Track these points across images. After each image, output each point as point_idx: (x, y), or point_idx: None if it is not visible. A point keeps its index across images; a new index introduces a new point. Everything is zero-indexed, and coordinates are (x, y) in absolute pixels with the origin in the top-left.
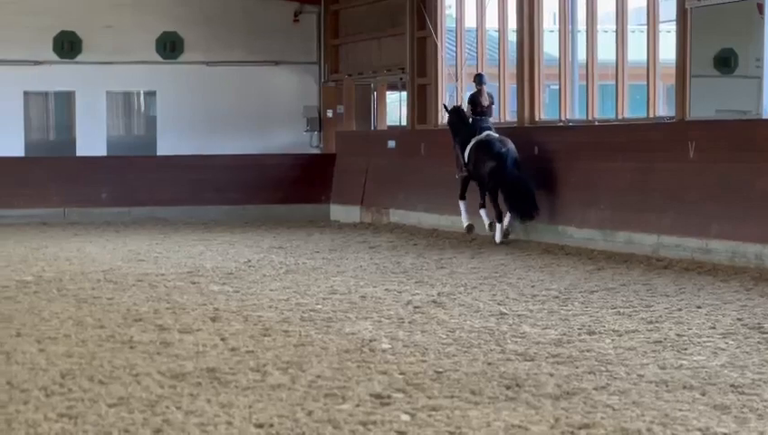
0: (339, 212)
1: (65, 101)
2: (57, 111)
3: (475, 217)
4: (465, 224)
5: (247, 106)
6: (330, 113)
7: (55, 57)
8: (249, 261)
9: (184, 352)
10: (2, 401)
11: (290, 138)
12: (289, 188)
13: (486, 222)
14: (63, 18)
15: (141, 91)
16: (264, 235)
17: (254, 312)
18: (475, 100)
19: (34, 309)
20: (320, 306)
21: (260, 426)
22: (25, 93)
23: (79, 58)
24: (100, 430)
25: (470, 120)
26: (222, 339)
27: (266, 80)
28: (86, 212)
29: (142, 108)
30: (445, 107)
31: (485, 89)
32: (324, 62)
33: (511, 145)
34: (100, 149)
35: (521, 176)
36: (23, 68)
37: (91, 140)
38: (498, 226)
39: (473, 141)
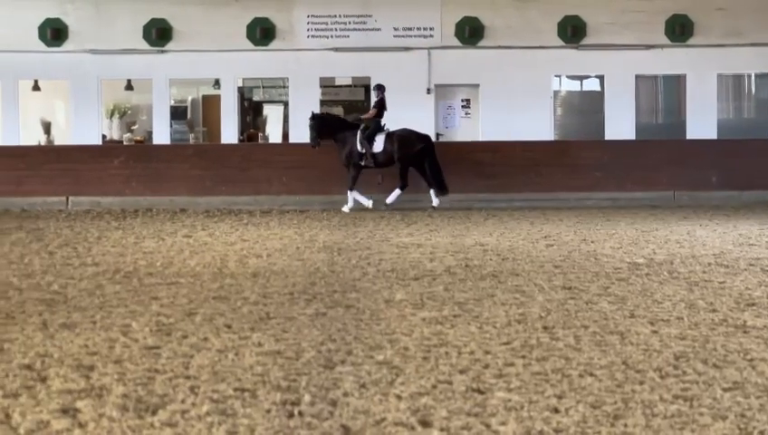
0: None
1: (675, 84)
2: (666, 93)
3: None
4: (369, 204)
5: None
6: None
7: (666, 41)
8: None
9: None
10: (618, 381)
11: None
12: None
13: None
14: (677, 2)
15: (753, 74)
16: None
17: None
18: (383, 104)
19: (647, 291)
20: None
21: None
22: (637, 77)
23: (690, 41)
24: (716, 413)
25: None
26: None
27: None
28: (695, 195)
29: (753, 91)
30: (313, 115)
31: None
32: None
33: None
34: (710, 132)
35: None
36: (635, 52)
37: (701, 123)
38: (400, 192)
39: (383, 134)
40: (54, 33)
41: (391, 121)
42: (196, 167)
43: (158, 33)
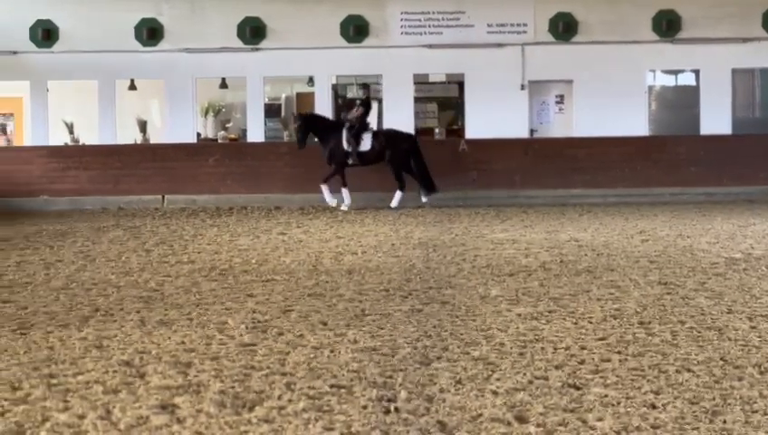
0: None
1: None
2: (764, 87)
3: None
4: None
5: None
6: None
7: (764, 33)
8: None
9: None
10: (716, 377)
11: None
12: None
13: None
14: None
15: None
16: None
17: None
18: (369, 104)
19: (744, 286)
20: None
21: None
22: (733, 71)
23: None
24: None
25: (345, 119)
26: None
27: None
28: None
29: None
30: (300, 115)
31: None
32: None
33: None
34: None
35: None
36: (731, 46)
37: None
38: (401, 193)
39: (370, 133)
40: (150, 32)
41: (485, 118)
42: (290, 164)
43: (252, 32)
